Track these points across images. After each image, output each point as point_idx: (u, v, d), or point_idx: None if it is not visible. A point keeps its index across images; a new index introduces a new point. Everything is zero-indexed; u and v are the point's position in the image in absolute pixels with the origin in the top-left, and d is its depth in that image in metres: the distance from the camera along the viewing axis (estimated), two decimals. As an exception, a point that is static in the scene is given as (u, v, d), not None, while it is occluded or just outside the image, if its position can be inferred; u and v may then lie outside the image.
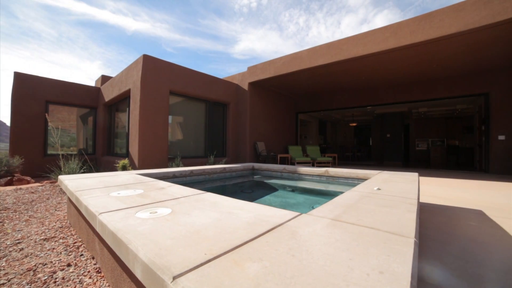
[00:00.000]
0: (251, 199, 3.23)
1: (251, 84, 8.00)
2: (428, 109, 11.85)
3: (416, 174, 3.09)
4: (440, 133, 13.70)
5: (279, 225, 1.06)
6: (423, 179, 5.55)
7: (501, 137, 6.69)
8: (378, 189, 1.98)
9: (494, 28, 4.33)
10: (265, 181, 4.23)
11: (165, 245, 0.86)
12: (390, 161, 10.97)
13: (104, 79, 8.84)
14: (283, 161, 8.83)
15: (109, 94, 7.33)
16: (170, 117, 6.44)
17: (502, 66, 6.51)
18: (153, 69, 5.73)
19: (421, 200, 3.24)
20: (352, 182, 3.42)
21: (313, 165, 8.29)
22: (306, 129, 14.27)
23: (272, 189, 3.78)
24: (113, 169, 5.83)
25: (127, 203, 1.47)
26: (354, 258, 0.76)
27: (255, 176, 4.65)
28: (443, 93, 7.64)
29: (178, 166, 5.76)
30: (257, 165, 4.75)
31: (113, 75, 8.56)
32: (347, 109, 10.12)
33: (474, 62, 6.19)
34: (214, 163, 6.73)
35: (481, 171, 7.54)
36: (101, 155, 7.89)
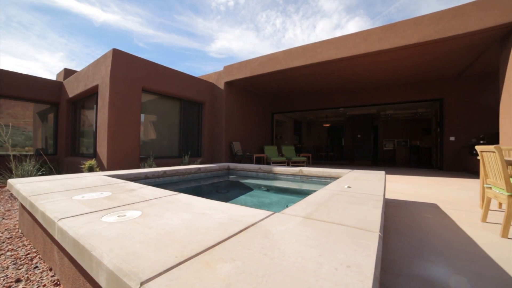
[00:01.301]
0: (226, 199, 3.20)
1: (227, 84, 7.94)
2: (394, 112, 12.79)
3: (383, 172, 3.32)
4: (404, 134, 14.86)
5: (252, 225, 1.07)
6: (389, 177, 5.97)
7: (452, 138, 7.52)
8: (349, 187, 2.09)
9: (446, 42, 4.84)
10: (241, 181, 4.22)
11: (133, 249, 0.82)
12: (360, 160, 11.62)
13: (68, 72, 8.12)
14: (259, 161, 8.91)
15: (73, 89, 6.76)
16: (142, 116, 6.13)
17: (453, 75, 7.32)
18: (123, 64, 5.41)
19: (387, 196, 3.49)
20: (325, 180, 3.56)
21: (288, 165, 8.48)
22: (281, 129, 14.55)
23: (247, 189, 3.79)
24: (78, 170, 5.38)
25: (92, 206, 1.37)
26: (324, 254, 0.79)
27: (230, 176, 4.62)
28: (406, 97, 8.35)
29: (150, 166, 5.50)
30: (232, 165, 4.73)
31: (78, 69, 7.91)
32: (321, 110, 10.53)
33: (432, 70, 6.84)
34: (188, 163, 6.55)
35: (437, 168, 8.35)
36: (64, 156, 7.23)
